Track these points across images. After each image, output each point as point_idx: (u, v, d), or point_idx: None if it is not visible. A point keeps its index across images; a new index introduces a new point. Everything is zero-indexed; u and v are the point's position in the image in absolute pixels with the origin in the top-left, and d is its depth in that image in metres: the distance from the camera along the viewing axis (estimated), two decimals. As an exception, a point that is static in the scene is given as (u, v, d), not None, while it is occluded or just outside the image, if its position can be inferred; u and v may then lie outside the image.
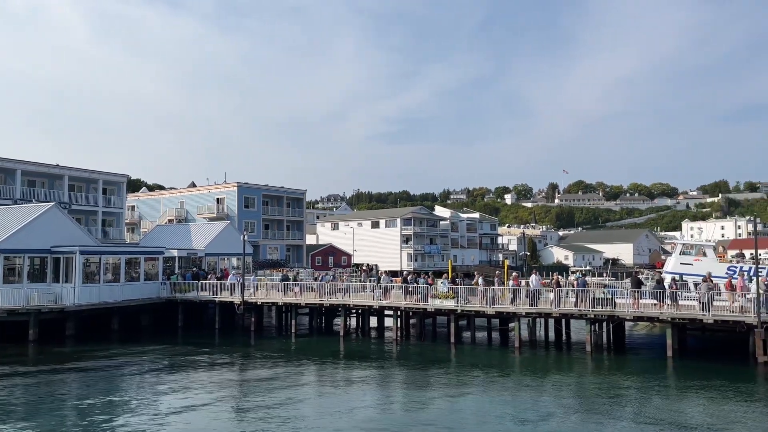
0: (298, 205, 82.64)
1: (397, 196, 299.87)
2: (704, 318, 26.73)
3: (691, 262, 35.38)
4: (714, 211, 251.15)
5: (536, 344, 32.74)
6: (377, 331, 38.21)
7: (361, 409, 19.34)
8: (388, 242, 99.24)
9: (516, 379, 24.51)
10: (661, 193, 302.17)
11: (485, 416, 18.38)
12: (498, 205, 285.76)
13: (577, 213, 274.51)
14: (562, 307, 29.86)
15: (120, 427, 17.15)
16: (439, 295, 32.88)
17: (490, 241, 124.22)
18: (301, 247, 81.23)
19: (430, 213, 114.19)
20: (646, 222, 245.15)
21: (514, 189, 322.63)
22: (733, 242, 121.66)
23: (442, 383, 23.35)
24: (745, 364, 25.93)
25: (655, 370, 25.58)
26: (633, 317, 28.65)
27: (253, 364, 28.01)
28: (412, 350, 31.66)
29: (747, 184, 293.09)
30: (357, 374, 25.38)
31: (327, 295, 36.09)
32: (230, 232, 53.90)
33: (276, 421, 17.77)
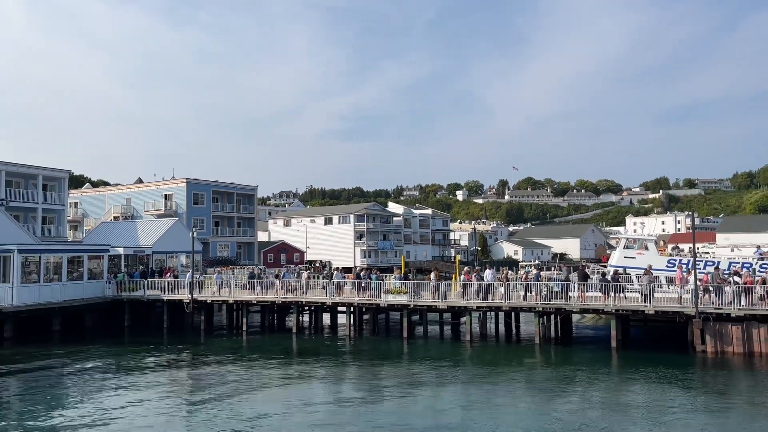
0: (250, 201, 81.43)
1: (351, 193, 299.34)
2: (646, 309, 27.77)
3: (634, 255, 36.65)
4: (655, 207, 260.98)
5: (487, 337, 33.31)
6: (330, 327, 38.09)
7: (314, 406, 19.23)
8: (341, 239, 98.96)
9: (467, 371, 24.87)
10: (606, 190, 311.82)
11: (438, 409, 18.58)
12: (450, 201, 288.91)
13: (526, 209, 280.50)
14: (512, 300, 30.47)
15: (61, 431, 16.54)
16: (392, 290, 33.04)
17: (443, 237, 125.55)
18: (252, 244, 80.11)
19: (384, 209, 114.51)
20: (592, 217, 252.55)
21: (466, 185, 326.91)
22: (673, 236, 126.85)
23: (396, 378, 23.47)
24: (683, 352, 27.07)
25: (600, 360, 26.42)
26: (579, 310, 29.51)
27: (204, 363, 27.46)
28: (365, 346, 31.70)
29: (686, 180, 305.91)
30: (310, 371, 25.24)
31: (279, 291, 35.75)
32: (179, 230, 52.68)
33: (227, 420, 17.48)
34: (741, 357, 25.24)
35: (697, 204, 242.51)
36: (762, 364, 24.19)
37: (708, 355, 25.84)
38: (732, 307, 26.07)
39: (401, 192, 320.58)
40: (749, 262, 34.33)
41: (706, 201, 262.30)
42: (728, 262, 34.44)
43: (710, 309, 26.41)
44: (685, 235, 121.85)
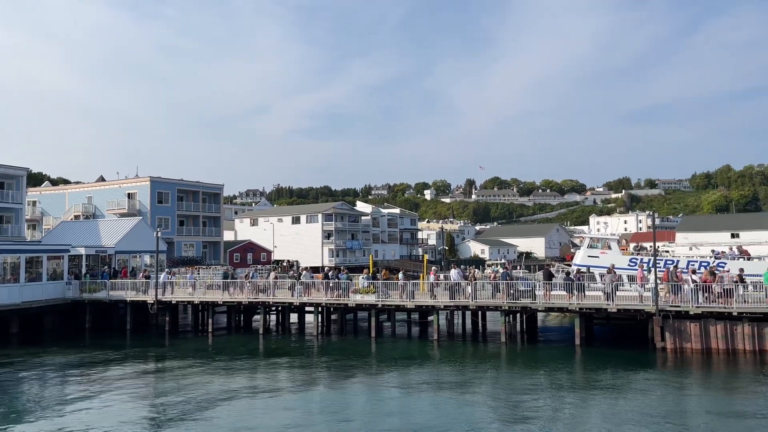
0: (215, 200, 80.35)
1: (319, 192, 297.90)
2: (608, 307, 28.39)
3: (597, 254, 37.41)
4: (618, 207, 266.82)
5: (454, 336, 33.58)
6: (298, 327, 37.87)
7: (281, 406, 19.10)
8: (309, 238, 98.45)
9: (435, 370, 25.04)
10: (570, 190, 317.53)
11: (406, 408, 18.66)
12: (418, 200, 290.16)
13: (493, 208, 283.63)
14: (479, 299, 30.79)
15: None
16: (360, 290, 33.03)
17: (411, 236, 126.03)
18: (218, 243, 79.09)
19: (352, 208, 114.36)
20: (557, 217, 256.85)
21: (434, 185, 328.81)
22: (635, 235, 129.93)
23: (364, 377, 23.49)
24: (644, 349, 27.77)
25: (564, 357, 26.91)
26: (544, 308, 29.99)
27: (168, 365, 26.99)
28: (333, 345, 31.63)
29: (647, 181, 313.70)
30: (277, 371, 25.06)
31: (247, 292, 35.38)
32: (142, 229, 51.59)
33: (193, 422, 17.23)
34: (699, 353, 26.01)
35: (657, 204, 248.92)
36: (718, 360, 24.98)
37: (667, 352, 26.55)
38: (690, 305, 26.85)
39: (369, 191, 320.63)
40: (707, 260, 35.40)
41: (666, 201, 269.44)
42: (687, 261, 35.46)
43: (669, 307, 27.15)
44: (646, 234, 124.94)
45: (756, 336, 25.70)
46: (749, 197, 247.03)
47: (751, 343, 25.68)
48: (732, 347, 25.94)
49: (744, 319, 26.02)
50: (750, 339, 25.74)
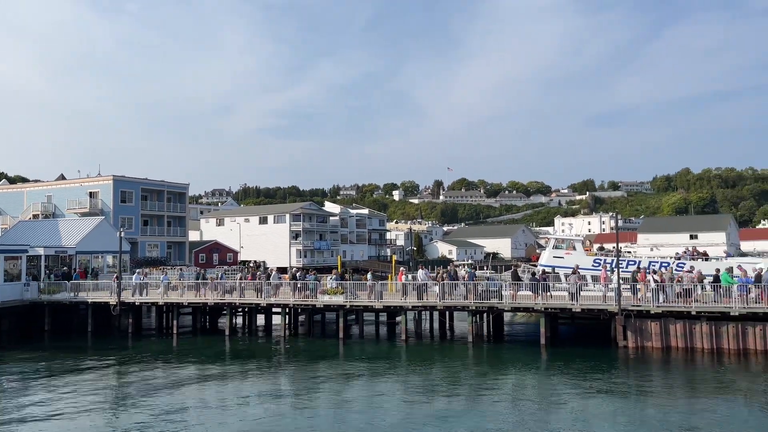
0: (181, 199, 79.03)
1: (286, 192, 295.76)
2: (573, 307, 28.91)
3: (562, 255, 38.03)
4: (582, 208, 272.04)
5: (422, 336, 33.73)
6: (265, 328, 37.51)
7: (247, 409, 18.88)
8: (276, 238, 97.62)
9: (403, 370, 25.11)
10: (536, 191, 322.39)
11: (374, 408, 18.66)
12: (386, 201, 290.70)
13: (460, 209, 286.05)
14: (447, 299, 31.00)
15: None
16: (328, 291, 32.91)
17: (379, 237, 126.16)
18: (183, 243, 77.80)
19: (320, 209, 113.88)
20: (523, 218, 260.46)
21: (402, 186, 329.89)
22: (598, 236, 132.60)
23: (331, 378, 23.41)
24: (607, 348, 28.36)
25: (530, 356, 27.30)
26: (511, 308, 30.36)
27: (131, 368, 26.40)
28: (300, 347, 31.45)
29: (610, 183, 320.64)
30: (244, 373, 24.77)
31: (213, 293, 34.89)
32: (105, 229, 50.43)
33: (157, 427, 16.90)
34: (659, 351, 26.69)
35: (620, 206, 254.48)
36: (677, 358, 25.67)
37: (629, 350, 27.17)
38: (651, 305, 27.53)
39: (338, 191, 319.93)
40: (667, 261, 36.32)
41: (628, 203, 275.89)
42: (648, 262, 36.31)
43: (631, 306, 27.78)
44: (609, 235, 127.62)
45: (714, 335, 26.49)
46: (707, 200, 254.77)
47: (709, 341, 26.46)
48: (691, 345, 26.69)
49: (702, 318, 26.79)
50: (708, 338, 26.52)
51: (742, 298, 26.47)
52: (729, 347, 26.12)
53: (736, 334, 26.16)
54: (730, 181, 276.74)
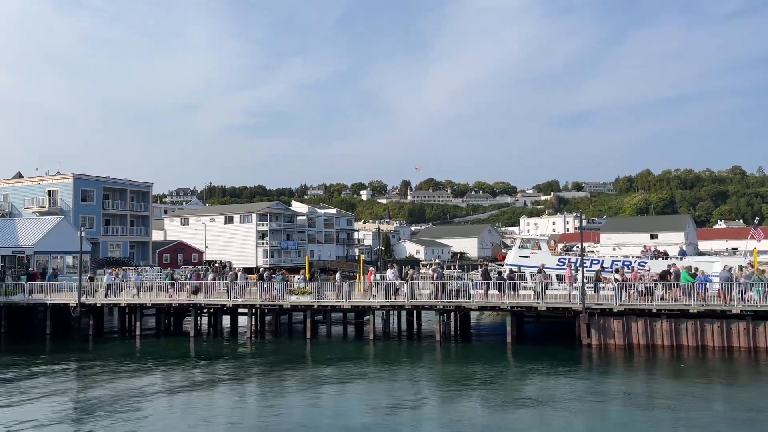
0: (144, 198, 77.43)
1: (253, 191, 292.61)
2: (539, 306, 29.30)
3: (528, 255, 38.58)
4: (547, 208, 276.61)
5: (390, 335, 33.76)
6: (231, 330, 37.01)
7: (213, 411, 18.58)
8: (242, 238, 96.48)
9: (371, 370, 25.08)
10: (502, 191, 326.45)
11: (342, 409, 18.57)
12: (354, 201, 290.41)
13: (427, 209, 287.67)
14: (414, 299, 31.09)
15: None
16: (295, 291, 32.66)
17: (347, 237, 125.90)
18: (146, 243, 76.23)
19: (287, 208, 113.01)
20: (489, 218, 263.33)
21: (370, 185, 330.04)
22: (563, 236, 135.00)
23: (299, 379, 23.23)
24: (571, 345, 28.85)
25: (496, 355, 27.60)
26: (477, 307, 30.63)
27: (92, 371, 25.71)
28: (267, 348, 31.14)
29: (574, 184, 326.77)
30: (209, 375, 24.38)
31: (178, 293, 34.27)
32: (64, 228, 49.14)
33: (119, 430, 16.48)
34: (621, 348, 27.27)
35: (584, 206, 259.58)
36: (639, 355, 26.27)
37: (593, 348, 27.68)
38: (614, 303, 28.11)
39: (305, 191, 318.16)
40: (629, 260, 37.18)
41: (591, 203, 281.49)
42: (611, 261, 37.11)
43: (595, 305, 28.32)
44: (573, 235, 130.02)
45: (673, 332, 27.19)
46: (667, 200, 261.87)
47: (669, 338, 27.16)
48: (651, 342, 27.35)
49: (663, 315, 27.47)
50: (668, 335, 27.21)
51: (701, 296, 27.24)
52: (688, 344, 26.85)
53: (695, 331, 26.91)
54: (688, 183, 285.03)
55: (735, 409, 18.28)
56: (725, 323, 26.62)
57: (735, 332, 26.47)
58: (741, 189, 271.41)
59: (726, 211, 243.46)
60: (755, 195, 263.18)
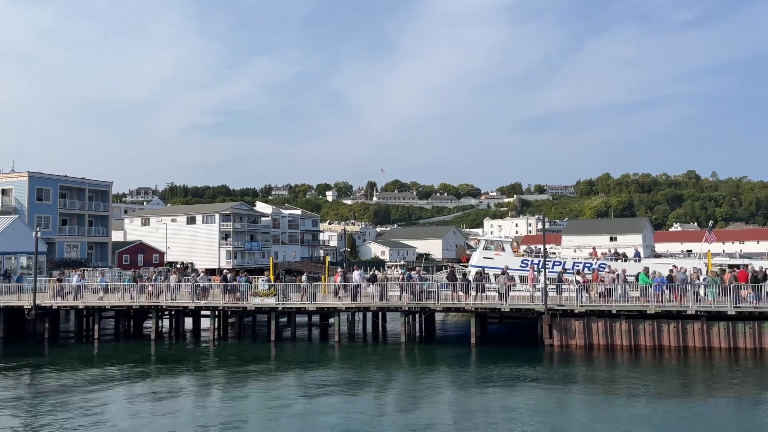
0: (103, 198, 75.55)
1: (216, 191, 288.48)
2: (502, 307, 29.67)
3: (492, 256, 39.03)
4: (510, 210, 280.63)
5: (355, 337, 33.71)
6: (193, 332, 36.37)
7: (175, 418, 18.21)
8: (205, 239, 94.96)
9: (335, 373, 24.98)
10: (466, 194, 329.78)
11: (306, 412, 18.43)
12: (320, 201, 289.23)
13: (393, 210, 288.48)
14: (380, 300, 31.10)
15: None
16: (260, 293, 32.30)
17: (312, 238, 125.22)
18: (105, 244, 74.37)
19: (251, 209, 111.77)
20: (454, 219, 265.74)
21: (335, 186, 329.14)
22: (525, 238, 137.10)
23: (262, 382, 22.98)
24: (534, 346, 29.30)
25: (460, 356, 27.82)
26: (442, 308, 30.82)
27: (46, 376, 24.88)
28: (230, 351, 30.70)
29: (536, 186, 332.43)
30: (170, 379, 23.90)
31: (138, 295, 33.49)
32: (19, 228, 47.53)
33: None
34: (582, 349, 27.83)
35: (546, 208, 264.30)
36: (599, 355, 26.85)
37: (555, 348, 28.17)
38: (575, 304, 28.67)
39: (270, 191, 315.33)
40: (590, 262, 37.97)
41: (553, 206, 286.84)
42: (572, 263, 37.84)
43: (557, 306, 28.84)
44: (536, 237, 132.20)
45: (632, 332, 27.88)
46: (626, 203, 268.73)
47: (628, 338, 27.83)
48: (611, 343, 27.97)
49: (622, 316, 28.15)
50: (627, 335, 27.88)
51: (658, 297, 28.00)
52: (646, 344, 27.56)
53: (652, 331, 27.64)
54: (646, 186, 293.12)
55: (689, 406, 18.83)
56: (681, 324, 27.43)
57: (690, 332, 27.29)
58: (695, 193, 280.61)
59: (681, 215, 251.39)
60: (709, 199, 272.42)
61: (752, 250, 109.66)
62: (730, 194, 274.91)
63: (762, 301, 26.83)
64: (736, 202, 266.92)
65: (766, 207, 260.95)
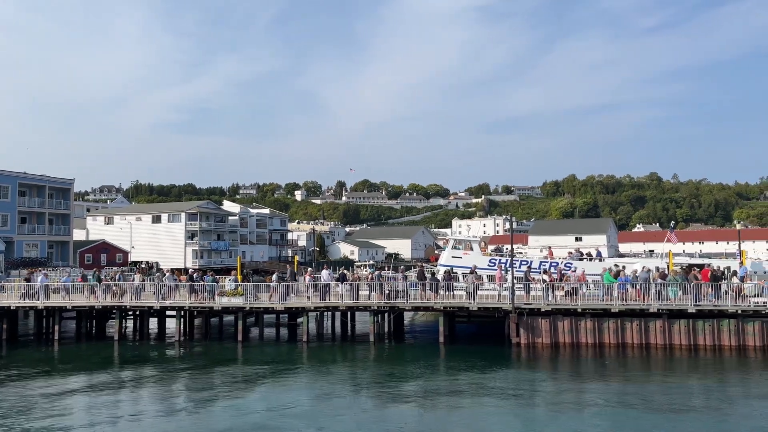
0: (65, 196, 73.65)
1: (182, 190, 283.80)
2: (470, 306, 29.89)
3: (461, 255, 39.31)
4: (478, 211, 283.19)
5: (323, 337, 33.55)
6: (158, 333, 35.67)
7: (139, 422, 17.81)
8: (171, 238, 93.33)
9: (303, 372, 24.82)
10: (435, 194, 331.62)
11: (273, 413, 18.25)
12: (288, 201, 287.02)
13: (362, 210, 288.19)
14: (348, 300, 31.02)
15: None
16: (226, 292, 31.88)
17: (280, 237, 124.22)
18: (67, 243, 72.49)
19: (218, 208, 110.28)
20: (423, 219, 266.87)
21: (304, 185, 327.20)
22: (493, 238, 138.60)
23: (229, 383, 22.65)
24: (502, 345, 29.60)
25: (429, 355, 27.92)
26: (411, 307, 30.90)
27: (3, 379, 24.09)
28: (196, 351, 30.23)
29: (504, 187, 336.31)
30: (135, 380, 23.41)
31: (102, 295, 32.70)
32: (-25, 226, 45.89)
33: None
34: (548, 347, 28.22)
35: (513, 209, 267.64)
36: (565, 353, 27.28)
37: (521, 347, 28.49)
38: (542, 303, 29.06)
39: (237, 190, 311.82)
40: (556, 261, 38.53)
41: (520, 206, 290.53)
42: (539, 262, 38.36)
43: (524, 305, 29.19)
44: (503, 237, 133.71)
45: (596, 330, 28.39)
46: (591, 204, 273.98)
47: (593, 336, 28.33)
48: (576, 341, 28.44)
49: (587, 315, 28.64)
50: (591, 333, 28.39)
51: (621, 296, 28.57)
52: (610, 341, 28.10)
53: (616, 329, 28.20)
54: (610, 188, 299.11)
55: (651, 402, 19.26)
56: (643, 322, 28.05)
57: (652, 330, 27.93)
58: (658, 194, 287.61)
59: (644, 215, 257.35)
60: (670, 200, 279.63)
61: (711, 250, 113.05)
62: (690, 196, 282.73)
63: (721, 299, 27.66)
64: (695, 204, 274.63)
65: (724, 208, 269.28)
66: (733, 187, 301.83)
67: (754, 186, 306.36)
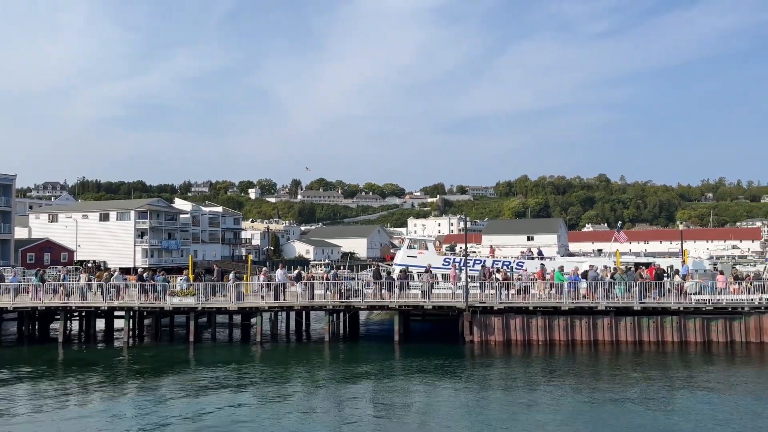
0: (5, 192, 70.67)
1: (131, 187, 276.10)
2: (425, 305, 30.13)
3: (416, 255, 39.58)
4: (433, 210, 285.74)
5: (278, 337, 33.21)
6: (105, 334, 34.57)
7: (81, 424, 17.22)
8: (119, 237, 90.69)
9: (257, 373, 24.50)
10: (391, 193, 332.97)
11: (226, 417, 17.95)
12: (242, 199, 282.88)
13: (318, 209, 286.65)
14: (303, 300, 30.80)
15: None
16: (178, 292, 31.17)
17: (234, 236, 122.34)
18: (8, 241, 69.52)
19: (169, 206, 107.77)
20: (378, 219, 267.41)
21: (259, 184, 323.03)
22: (447, 237, 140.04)
23: (180, 385, 22.17)
24: (456, 343, 29.96)
25: (384, 354, 28.00)
26: (366, 306, 30.92)
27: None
28: (146, 353, 29.45)
29: (459, 187, 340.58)
30: (79, 384, 22.59)
31: (44, 296, 31.46)
32: None
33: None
34: (501, 344, 28.72)
35: (467, 208, 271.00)
36: (516, 350, 27.82)
37: (475, 344, 28.90)
38: (495, 301, 29.55)
39: (189, 188, 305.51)
40: (509, 260, 39.27)
41: (474, 206, 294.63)
42: (492, 261, 38.99)
43: (477, 303, 29.61)
44: (457, 236, 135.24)
45: (547, 327, 29.06)
46: (542, 204, 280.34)
47: (544, 333, 28.99)
48: (528, 338, 29.04)
49: (538, 312, 29.29)
50: (543, 330, 29.04)
51: (571, 294, 29.33)
52: (560, 338, 28.82)
53: (566, 326, 28.93)
54: (561, 188, 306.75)
55: (599, 396, 19.85)
56: (592, 319, 28.88)
57: (600, 327, 28.79)
58: (606, 195, 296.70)
59: (593, 216, 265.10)
60: (618, 201, 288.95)
61: (656, 250, 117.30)
62: (636, 197, 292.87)
63: (664, 297, 28.75)
64: (641, 205, 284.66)
65: (668, 209, 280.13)
66: (676, 189, 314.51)
67: (696, 188, 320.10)
